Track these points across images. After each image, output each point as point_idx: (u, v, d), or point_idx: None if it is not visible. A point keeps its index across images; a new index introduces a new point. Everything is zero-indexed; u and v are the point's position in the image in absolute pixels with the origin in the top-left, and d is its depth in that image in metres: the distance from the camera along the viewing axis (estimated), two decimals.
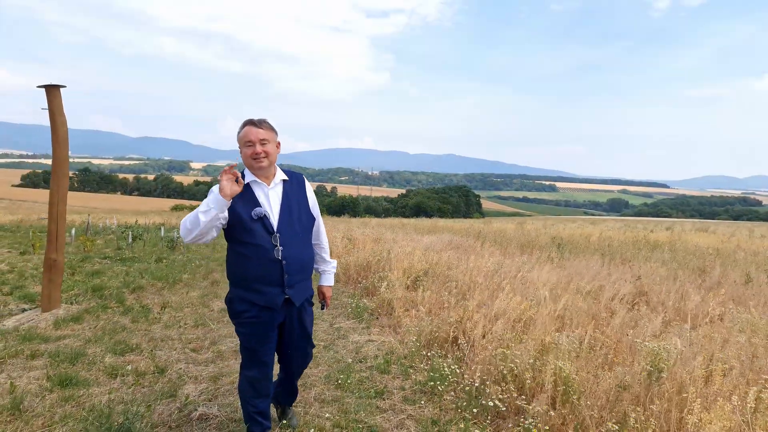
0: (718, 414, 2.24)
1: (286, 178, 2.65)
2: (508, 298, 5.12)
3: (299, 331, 2.72)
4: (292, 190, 2.64)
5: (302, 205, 2.66)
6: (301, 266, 2.59)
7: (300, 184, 2.70)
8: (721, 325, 4.04)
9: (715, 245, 11.96)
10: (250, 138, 2.49)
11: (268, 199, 2.55)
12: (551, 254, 8.53)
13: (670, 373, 2.89)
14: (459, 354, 4.50)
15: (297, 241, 2.58)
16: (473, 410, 3.40)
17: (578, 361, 3.65)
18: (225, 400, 3.52)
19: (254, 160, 2.49)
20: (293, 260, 2.54)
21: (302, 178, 2.75)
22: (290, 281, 2.54)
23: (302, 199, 2.67)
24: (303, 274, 2.63)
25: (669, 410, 2.65)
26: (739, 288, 5.78)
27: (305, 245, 2.66)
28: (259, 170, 2.53)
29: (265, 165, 2.51)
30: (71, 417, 3.12)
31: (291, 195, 2.62)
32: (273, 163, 2.58)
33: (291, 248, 2.53)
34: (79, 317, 5.49)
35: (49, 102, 5.53)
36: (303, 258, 2.61)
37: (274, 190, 2.58)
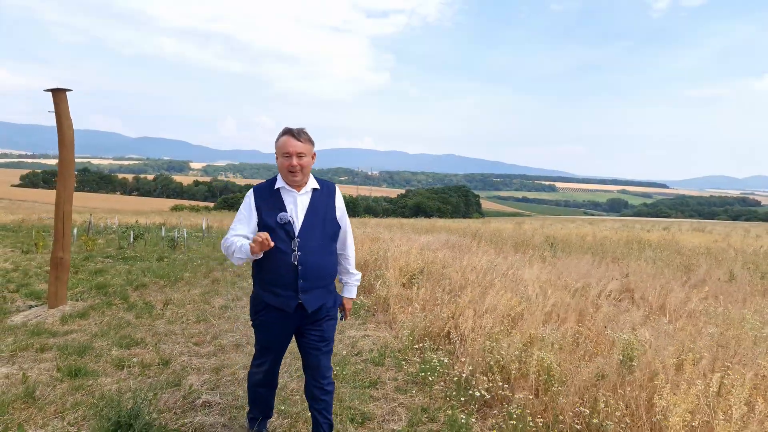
0: (683, 398, 2.43)
1: (318, 186, 2.67)
2: (498, 295, 5.32)
3: (318, 338, 2.70)
4: (320, 198, 2.66)
5: (329, 214, 2.67)
6: (317, 273, 2.60)
7: (330, 194, 2.71)
8: (697, 318, 4.24)
9: (707, 245, 12.17)
10: (288, 150, 2.51)
11: (295, 205, 2.58)
12: (544, 253, 8.73)
13: (643, 362, 3.09)
14: (450, 347, 4.70)
15: (317, 248, 2.59)
16: (461, 399, 3.60)
17: (561, 353, 3.85)
18: (227, 389, 3.71)
19: (290, 172, 2.52)
20: (310, 266, 2.56)
21: (333, 188, 2.76)
22: (304, 287, 2.56)
23: (330, 208, 2.69)
24: (320, 281, 2.63)
25: (639, 395, 2.85)
26: (723, 285, 5.98)
27: (326, 253, 2.65)
28: (292, 181, 2.57)
29: (299, 178, 2.55)
30: (82, 404, 3.33)
31: (318, 203, 2.64)
32: (306, 175, 2.60)
33: (309, 254, 2.55)
34: (84, 313, 5.69)
35: (56, 105, 5.72)
36: (321, 265, 2.61)
37: (302, 197, 2.61)
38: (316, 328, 2.69)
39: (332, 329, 2.77)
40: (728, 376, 2.61)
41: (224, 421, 3.21)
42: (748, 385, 2.38)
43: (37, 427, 3.03)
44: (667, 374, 3.02)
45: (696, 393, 2.56)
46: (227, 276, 8.70)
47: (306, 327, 2.68)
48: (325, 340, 2.73)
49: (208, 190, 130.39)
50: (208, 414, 3.28)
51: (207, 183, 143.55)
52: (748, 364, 2.92)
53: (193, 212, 49.26)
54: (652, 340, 3.32)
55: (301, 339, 2.73)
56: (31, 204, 62.26)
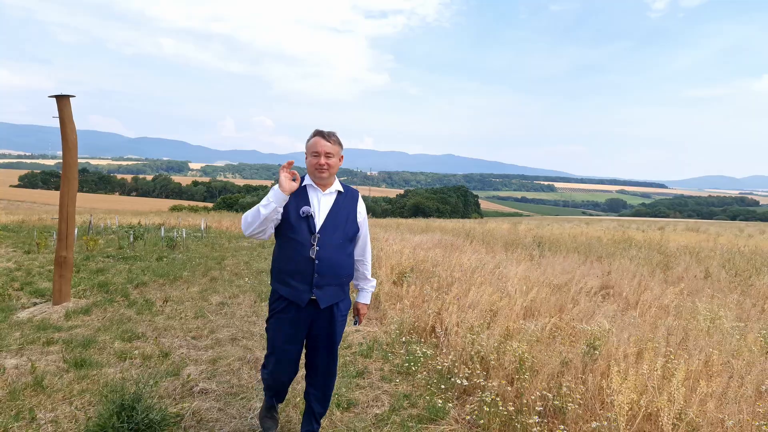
0: (631, 381, 2.70)
1: (342, 190, 2.76)
2: (481, 291, 5.59)
3: (325, 337, 2.76)
4: (344, 201, 2.74)
5: (350, 216, 2.74)
6: (333, 270, 2.65)
7: (353, 199, 2.79)
8: (666, 312, 4.51)
9: (693, 244, 12.44)
10: (317, 149, 2.60)
11: (319, 203, 2.67)
12: (532, 252, 9.00)
13: (605, 352, 3.36)
14: (435, 341, 4.97)
15: (335, 247, 2.65)
16: (442, 387, 3.86)
17: (538, 345, 4.12)
18: (222, 378, 3.98)
19: (317, 170, 2.61)
20: (326, 262, 2.61)
21: (357, 194, 2.85)
22: (319, 282, 2.61)
23: (351, 211, 2.75)
24: (334, 279, 2.67)
25: (600, 381, 3.11)
26: (698, 282, 6.25)
27: (342, 253, 2.70)
28: (319, 179, 2.65)
29: (326, 176, 2.64)
30: (88, 391, 3.59)
31: (341, 205, 2.72)
32: (332, 175, 2.70)
33: (327, 251, 2.62)
34: (87, 310, 5.94)
35: (60, 110, 5.97)
36: (337, 263, 2.66)
37: (326, 197, 2.70)
38: (325, 329, 2.74)
39: (341, 332, 2.83)
40: (671, 361, 2.87)
41: (220, 405, 3.47)
42: (683, 369, 2.64)
43: (47, 411, 3.29)
44: (628, 361, 3.29)
45: (641, 376, 2.82)
46: (225, 275, 8.95)
47: (315, 326, 2.72)
48: (332, 342, 2.78)
49: (207, 191, 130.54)
50: (205, 400, 3.55)
51: (206, 183, 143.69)
52: (695, 350, 3.18)
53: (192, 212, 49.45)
54: (614, 330, 3.59)
55: (308, 338, 2.77)
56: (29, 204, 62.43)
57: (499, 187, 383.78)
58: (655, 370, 2.76)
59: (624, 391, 2.64)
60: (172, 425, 3.12)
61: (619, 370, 2.86)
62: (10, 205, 55.70)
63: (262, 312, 6.23)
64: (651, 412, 2.63)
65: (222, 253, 12.17)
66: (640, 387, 2.70)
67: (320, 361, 2.82)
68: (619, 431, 2.55)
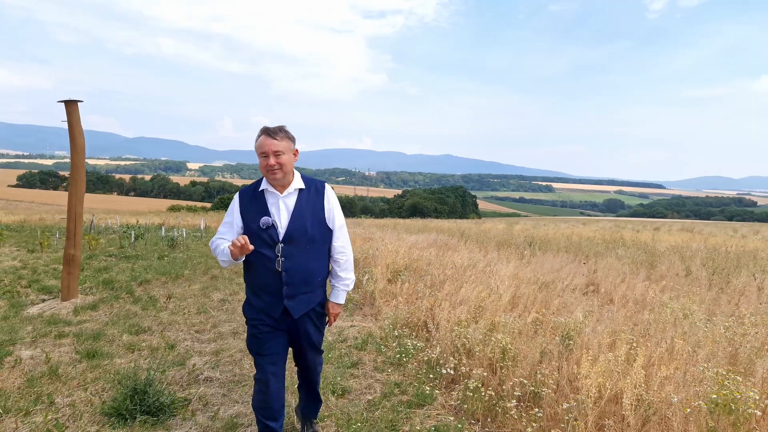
0: (599, 366, 2.98)
1: (303, 186, 2.61)
2: (471, 288, 5.87)
3: (305, 341, 2.71)
4: (307, 199, 2.59)
5: (316, 215, 2.59)
6: (303, 279, 2.56)
7: (318, 193, 2.63)
8: (642, 306, 4.79)
9: (683, 244, 12.75)
10: (264, 149, 2.46)
11: (278, 208, 2.54)
12: (524, 252, 9.29)
13: (579, 342, 3.64)
14: (427, 335, 5.24)
15: (302, 253, 2.54)
16: (430, 376, 4.13)
17: (520, 337, 4.39)
18: (225, 368, 4.24)
19: (268, 171, 2.48)
20: (295, 272, 2.52)
21: (322, 186, 2.67)
22: (289, 292, 2.53)
23: (318, 208, 2.60)
24: (306, 287, 2.58)
25: (574, 369, 3.39)
26: (681, 279, 6.54)
27: (312, 257, 2.59)
28: (273, 181, 2.52)
29: (279, 177, 2.49)
30: (101, 378, 3.86)
31: (304, 205, 2.57)
32: (288, 173, 2.53)
33: (294, 259, 2.51)
34: (95, 305, 6.21)
35: (68, 115, 6.23)
36: (306, 271, 2.56)
37: (286, 199, 2.56)
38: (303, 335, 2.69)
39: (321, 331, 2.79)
40: (634, 348, 3.15)
41: (224, 391, 3.74)
42: (642, 355, 2.92)
43: (64, 396, 3.56)
44: (600, 350, 3.57)
45: (608, 362, 3.10)
46: (225, 273, 9.22)
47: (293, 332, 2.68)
48: (312, 345, 2.74)
49: (205, 191, 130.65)
50: (210, 386, 3.82)
51: (204, 183, 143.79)
52: (662, 340, 3.46)
53: (191, 212, 49.70)
54: (587, 323, 3.87)
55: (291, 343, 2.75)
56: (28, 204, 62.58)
57: (497, 187, 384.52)
58: (619, 357, 3.04)
59: (591, 376, 2.92)
60: (181, 408, 3.39)
61: (588, 357, 3.14)
62: (9, 205, 55.84)
63: None
64: (615, 394, 2.90)
65: None
66: (607, 372, 2.97)
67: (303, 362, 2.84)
68: (587, 411, 2.83)
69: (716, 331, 3.54)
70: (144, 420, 3.15)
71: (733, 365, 2.85)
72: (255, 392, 2.72)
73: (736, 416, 2.24)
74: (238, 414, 3.38)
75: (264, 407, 2.68)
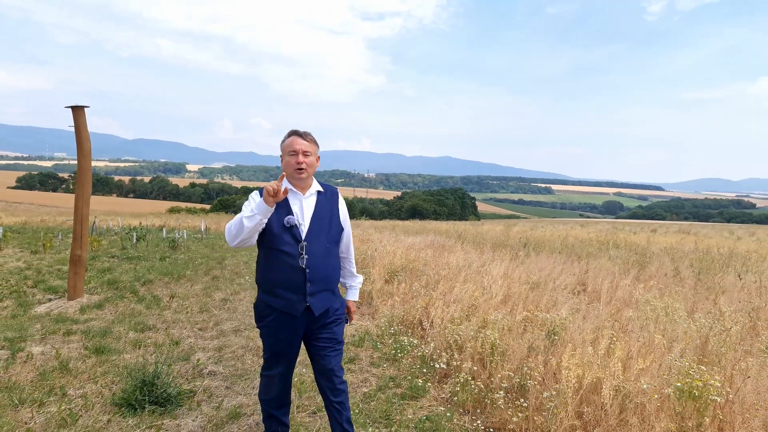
0: (578, 358, 3.17)
1: (321, 189, 2.72)
2: (465, 288, 6.07)
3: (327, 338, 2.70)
4: (325, 201, 2.70)
5: (333, 217, 2.71)
6: (324, 276, 2.63)
7: (333, 197, 2.76)
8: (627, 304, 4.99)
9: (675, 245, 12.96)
10: (294, 148, 2.56)
11: (301, 208, 2.62)
12: (518, 252, 9.49)
13: (565, 337, 3.84)
14: (421, 333, 5.44)
15: (323, 252, 2.63)
16: (424, 370, 4.33)
17: (509, 333, 4.59)
18: (228, 363, 4.44)
19: (296, 170, 2.57)
20: (317, 270, 2.59)
21: (336, 192, 2.81)
22: (312, 289, 2.58)
23: (334, 211, 2.73)
24: (326, 284, 2.66)
25: (559, 362, 3.59)
26: (669, 279, 6.74)
27: (330, 256, 2.69)
28: (299, 180, 2.61)
29: (305, 176, 2.59)
30: (110, 372, 4.05)
31: (323, 206, 2.68)
32: (311, 175, 2.65)
33: (316, 258, 2.59)
34: (100, 305, 6.40)
35: (75, 120, 6.43)
36: (327, 268, 2.66)
37: (308, 200, 2.65)
38: (326, 331, 2.70)
39: (341, 331, 2.80)
40: (614, 343, 3.35)
41: (227, 384, 3.94)
42: (619, 348, 3.12)
43: (76, 389, 3.75)
44: (584, 344, 3.76)
45: (587, 355, 3.30)
46: (226, 274, 9.41)
47: (314, 330, 2.68)
48: (336, 341, 2.75)
49: (204, 192, 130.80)
50: (214, 379, 4.02)
51: (203, 185, 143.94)
52: (641, 335, 3.66)
53: (190, 214, 49.86)
54: (571, 319, 4.07)
55: (311, 343, 2.72)
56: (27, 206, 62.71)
57: (496, 189, 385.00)
58: (599, 350, 3.24)
59: (571, 367, 3.12)
60: (187, 399, 3.59)
61: (570, 351, 3.34)
62: (9, 207, 55.96)
63: None
64: (595, 384, 3.10)
65: (222, 254, 12.64)
66: (586, 364, 3.17)
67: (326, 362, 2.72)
68: (567, 400, 3.02)
69: (691, 327, 3.74)
70: (152, 410, 3.35)
71: (703, 356, 3.05)
72: (263, 386, 2.78)
73: (699, 402, 2.44)
74: (241, 405, 3.57)
75: (270, 398, 2.77)
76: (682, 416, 2.49)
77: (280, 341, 2.65)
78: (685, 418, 2.47)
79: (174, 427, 3.20)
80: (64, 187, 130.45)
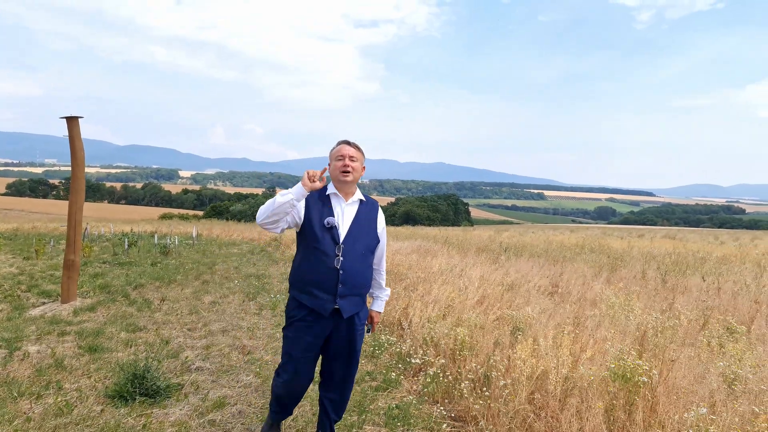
0: (534, 351, 3.49)
1: (364, 199, 2.80)
2: (443, 290, 6.38)
3: (345, 345, 2.78)
4: (366, 211, 2.78)
5: (371, 227, 2.78)
6: (356, 280, 2.68)
7: (374, 209, 2.83)
8: (591, 303, 5.32)
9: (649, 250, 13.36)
10: (342, 153, 2.68)
11: (342, 212, 2.71)
12: (500, 257, 9.83)
13: (529, 332, 4.15)
14: (400, 332, 5.74)
15: (358, 257, 2.68)
16: (400, 366, 4.63)
17: (480, 330, 4.90)
18: (215, 360, 4.71)
19: (342, 172, 2.66)
20: (350, 272, 2.64)
21: (377, 205, 2.88)
22: (343, 291, 2.63)
23: (373, 221, 2.79)
24: (357, 289, 2.71)
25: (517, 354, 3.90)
26: (637, 281, 7.09)
27: (364, 263, 2.74)
28: (344, 183, 2.70)
29: (350, 180, 2.68)
30: (103, 369, 4.32)
31: (363, 215, 2.76)
32: (356, 181, 2.74)
33: (351, 261, 2.65)
34: (93, 307, 6.64)
35: (69, 130, 6.70)
36: (360, 274, 2.70)
37: (350, 207, 2.74)
38: (345, 338, 2.77)
39: (360, 341, 2.87)
40: (567, 336, 3.67)
41: (213, 378, 4.22)
42: (567, 339, 3.44)
43: (71, 383, 4.01)
44: (547, 340, 4.08)
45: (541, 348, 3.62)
46: (215, 278, 9.66)
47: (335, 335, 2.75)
48: (353, 350, 2.82)
49: (197, 199, 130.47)
50: (201, 374, 4.29)
51: (196, 191, 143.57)
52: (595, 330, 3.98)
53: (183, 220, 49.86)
54: (534, 316, 4.39)
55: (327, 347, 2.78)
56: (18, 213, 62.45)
57: (489, 195, 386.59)
58: (549, 343, 3.56)
59: (526, 359, 3.43)
60: (175, 391, 3.86)
61: (528, 344, 3.65)
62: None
63: (250, 310, 6.95)
64: (545, 372, 3.41)
65: (213, 259, 12.87)
66: (541, 356, 3.49)
67: (339, 369, 2.85)
68: (521, 387, 3.33)
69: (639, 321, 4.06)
70: (143, 401, 3.62)
71: (642, 347, 3.36)
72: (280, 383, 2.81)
73: (630, 384, 2.75)
74: (225, 396, 3.85)
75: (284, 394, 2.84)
76: (615, 396, 2.81)
77: (303, 341, 2.69)
78: (618, 397, 2.79)
79: (163, 416, 3.48)
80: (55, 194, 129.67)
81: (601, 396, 2.88)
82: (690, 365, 3.14)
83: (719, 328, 4.12)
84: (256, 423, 3.43)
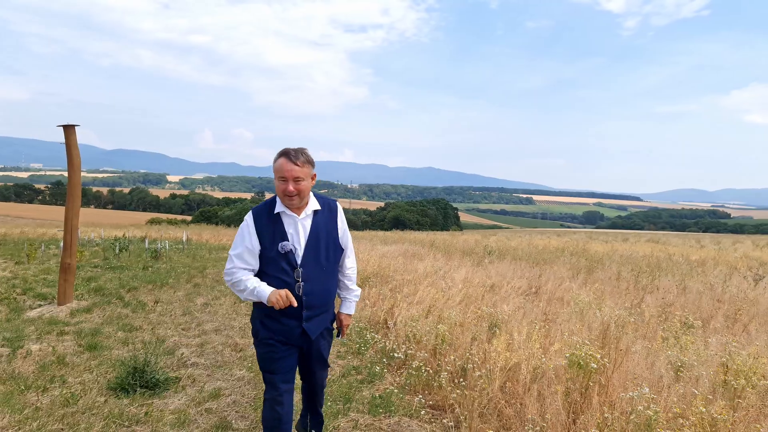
0: (504, 343, 3.82)
1: (319, 208, 2.61)
2: (427, 291, 6.70)
3: (317, 358, 2.76)
4: (323, 220, 2.61)
5: (331, 235, 2.63)
6: (321, 300, 2.60)
7: (332, 213, 2.66)
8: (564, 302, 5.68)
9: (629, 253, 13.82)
10: (284, 174, 2.43)
11: (296, 231, 2.54)
12: (484, 260, 10.19)
13: (504, 328, 4.48)
14: (386, 330, 6.05)
15: (320, 275, 2.57)
16: (384, 361, 4.93)
17: (460, 327, 5.22)
18: (209, 356, 4.98)
19: (286, 196, 2.46)
20: (314, 295, 2.55)
21: (335, 206, 2.70)
22: (308, 315, 2.55)
23: (332, 229, 2.64)
24: (323, 308, 2.63)
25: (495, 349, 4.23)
26: (612, 282, 7.48)
27: (329, 277, 2.64)
28: (290, 206, 2.52)
29: (296, 203, 2.50)
30: (103, 364, 4.57)
31: (320, 227, 2.59)
32: (305, 197, 2.53)
33: (313, 283, 2.54)
34: (89, 309, 6.87)
35: (66, 137, 6.94)
36: (325, 291, 2.61)
37: (303, 222, 2.56)
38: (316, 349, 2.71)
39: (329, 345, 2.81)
40: (538, 331, 4.01)
41: (208, 373, 4.49)
42: (537, 334, 3.77)
43: (74, 377, 4.26)
44: (521, 335, 4.42)
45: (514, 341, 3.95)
46: (207, 281, 9.90)
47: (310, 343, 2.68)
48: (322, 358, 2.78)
49: (186, 203, 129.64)
50: (196, 369, 4.57)
51: (184, 196, 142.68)
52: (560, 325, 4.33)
53: (171, 225, 49.73)
54: (511, 313, 4.73)
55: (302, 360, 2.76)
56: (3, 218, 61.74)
57: (478, 199, 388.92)
58: (522, 337, 3.89)
59: (501, 351, 3.76)
60: (173, 384, 4.13)
61: (502, 339, 3.98)
62: None
63: (241, 311, 7.21)
64: (517, 363, 3.74)
65: (203, 263, 13.08)
66: (514, 349, 3.82)
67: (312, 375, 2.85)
68: (495, 376, 3.66)
69: (605, 317, 4.41)
70: (143, 392, 3.89)
71: (603, 340, 3.70)
72: (266, 409, 2.65)
73: (586, 371, 3.08)
74: (220, 388, 4.13)
75: (275, 426, 2.63)
76: (573, 381, 3.14)
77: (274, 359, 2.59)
78: (574, 381, 3.12)
79: (163, 405, 3.74)
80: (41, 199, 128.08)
81: (561, 381, 3.21)
82: (643, 354, 3.49)
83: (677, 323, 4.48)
84: (250, 411, 3.72)
